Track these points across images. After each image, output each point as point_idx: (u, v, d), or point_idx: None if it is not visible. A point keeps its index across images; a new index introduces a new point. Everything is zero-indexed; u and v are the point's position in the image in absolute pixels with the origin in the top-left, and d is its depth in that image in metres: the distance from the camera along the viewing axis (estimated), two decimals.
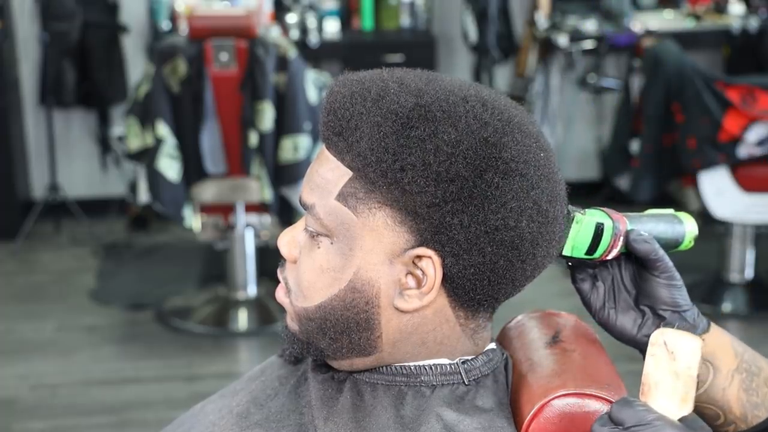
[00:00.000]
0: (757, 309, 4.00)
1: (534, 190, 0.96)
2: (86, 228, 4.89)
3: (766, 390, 1.06)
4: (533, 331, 1.14)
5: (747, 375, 1.06)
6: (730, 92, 3.69)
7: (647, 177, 3.94)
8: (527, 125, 0.99)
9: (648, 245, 1.03)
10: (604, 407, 0.98)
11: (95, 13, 4.86)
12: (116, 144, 4.96)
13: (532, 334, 1.13)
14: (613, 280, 1.08)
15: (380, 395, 1.01)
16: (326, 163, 0.99)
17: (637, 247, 1.03)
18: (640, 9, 5.03)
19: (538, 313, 1.19)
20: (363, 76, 0.99)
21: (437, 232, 0.95)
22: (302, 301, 1.02)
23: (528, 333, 1.14)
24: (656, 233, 1.06)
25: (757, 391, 1.06)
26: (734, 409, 1.06)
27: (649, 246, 1.03)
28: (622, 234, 1.03)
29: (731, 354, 1.06)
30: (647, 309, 1.06)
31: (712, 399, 1.06)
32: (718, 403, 1.06)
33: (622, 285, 1.08)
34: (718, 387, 1.05)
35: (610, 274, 1.08)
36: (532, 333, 1.14)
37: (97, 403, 3.33)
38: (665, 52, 3.86)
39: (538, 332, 1.13)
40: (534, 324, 1.16)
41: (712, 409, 1.07)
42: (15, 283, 4.44)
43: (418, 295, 0.98)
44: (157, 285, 4.32)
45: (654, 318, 1.05)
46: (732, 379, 1.05)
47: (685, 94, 3.71)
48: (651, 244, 1.03)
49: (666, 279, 1.04)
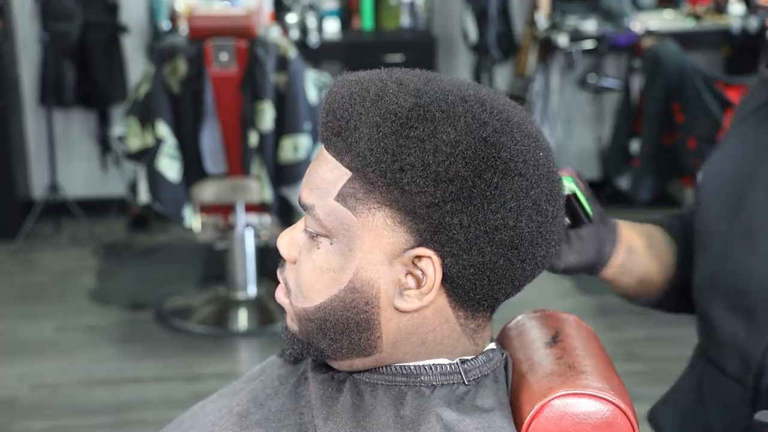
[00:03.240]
0: None
1: (533, 190, 0.96)
2: (86, 228, 4.89)
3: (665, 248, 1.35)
4: (533, 331, 1.14)
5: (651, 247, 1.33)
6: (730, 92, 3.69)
7: (647, 177, 3.94)
8: (526, 125, 0.99)
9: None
10: (604, 407, 0.98)
11: (95, 13, 4.86)
12: (116, 144, 4.96)
13: (532, 334, 1.13)
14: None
15: (380, 395, 1.01)
16: (325, 163, 0.99)
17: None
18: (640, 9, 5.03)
19: (538, 313, 1.19)
20: (362, 77, 0.99)
21: (437, 232, 0.95)
22: (302, 301, 1.02)
23: (528, 333, 1.14)
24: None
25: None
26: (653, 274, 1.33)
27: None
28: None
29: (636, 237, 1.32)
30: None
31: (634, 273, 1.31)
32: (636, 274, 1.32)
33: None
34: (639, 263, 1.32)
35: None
36: (532, 333, 1.14)
37: (97, 403, 3.33)
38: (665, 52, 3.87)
39: (538, 332, 1.13)
40: (534, 324, 1.16)
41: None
42: (15, 283, 4.44)
43: (418, 295, 0.98)
44: (157, 285, 4.32)
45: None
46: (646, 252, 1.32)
47: (685, 94, 3.71)
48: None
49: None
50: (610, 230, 1.29)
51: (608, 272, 1.30)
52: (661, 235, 1.38)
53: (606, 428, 0.98)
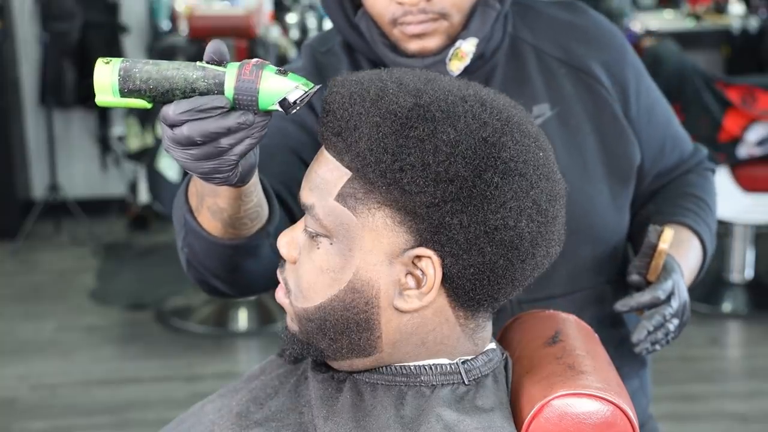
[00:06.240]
0: (757, 309, 4.00)
1: (533, 190, 0.96)
2: (86, 228, 4.89)
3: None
4: (533, 331, 1.14)
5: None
6: (730, 92, 3.69)
7: None
8: (526, 125, 0.99)
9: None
10: (603, 407, 0.98)
11: (95, 13, 4.86)
12: (116, 144, 4.96)
13: (532, 334, 1.13)
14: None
15: (380, 395, 1.01)
16: (325, 163, 0.99)
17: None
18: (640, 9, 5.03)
19: (538, 313, 1.19)
20: (362, 77, 0.99)
21: (437, 232, 0.94)
22: (302, 301, 1.02)
23: (528, 333, 1.14)
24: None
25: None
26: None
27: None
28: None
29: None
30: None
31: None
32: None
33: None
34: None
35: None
36: (532, 333, 1.14)
37: (97, 403, 3.33)
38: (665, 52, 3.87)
39: (538, 332, 1.13)
40: (534, 324, 1.16)
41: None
42: (15, 283, 4.44)
43: (418, 295, 0.98)
44: (157, 285, 4.32)
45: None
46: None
47: (685, 94, 3.71)
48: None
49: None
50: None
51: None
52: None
53: (606, 428, 0.98)
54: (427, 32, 1.28)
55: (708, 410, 3.19)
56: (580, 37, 1.41)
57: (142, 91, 0.95)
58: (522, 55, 1.39)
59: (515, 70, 1.38)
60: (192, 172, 1.00)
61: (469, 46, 1.31)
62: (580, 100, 1.38)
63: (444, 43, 1.31)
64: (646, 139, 1.43)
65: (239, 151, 0.96)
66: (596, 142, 1.38)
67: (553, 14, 1.43)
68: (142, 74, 0.94)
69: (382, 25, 1.30)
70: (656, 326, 1.24)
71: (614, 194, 1.38)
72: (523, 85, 1.37)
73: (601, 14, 1.48)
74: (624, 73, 1.42)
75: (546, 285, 1.31)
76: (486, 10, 1.32)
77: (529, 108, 1.35)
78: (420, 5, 1.26)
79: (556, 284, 1.35)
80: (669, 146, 1.47)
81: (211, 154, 0.96)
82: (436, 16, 1.28)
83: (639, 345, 1.24)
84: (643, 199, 1.47)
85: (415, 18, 1.27)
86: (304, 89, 0.94)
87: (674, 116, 1.53)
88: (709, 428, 3.09)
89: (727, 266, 4.10)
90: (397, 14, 1.27)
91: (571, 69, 1.39)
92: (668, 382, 3.26)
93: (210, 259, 1.19)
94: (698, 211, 1.43)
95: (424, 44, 1.30)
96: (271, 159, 1.26)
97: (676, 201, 1.44)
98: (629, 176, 1.40)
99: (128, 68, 0.95)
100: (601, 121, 1.38)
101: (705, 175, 1.51)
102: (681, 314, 1.28)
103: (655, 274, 1.29)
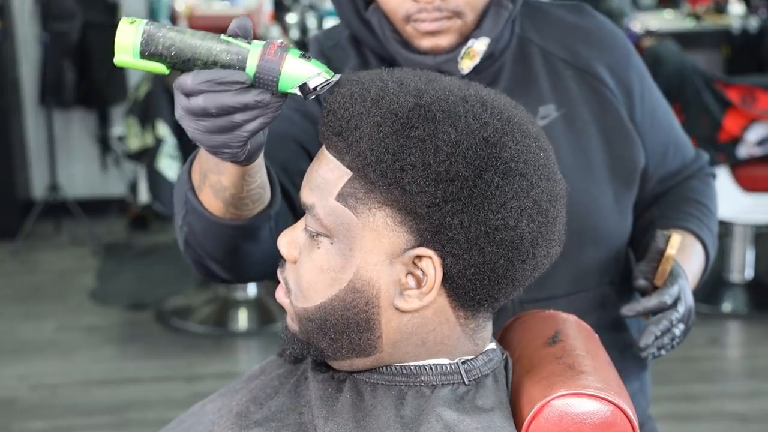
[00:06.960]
0: (757, 309, 4.00)
1: (534, 190, 0.96)
2: (86, 228, 4.89)
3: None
4: (533, 331, 1.14)
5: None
6: (730, 92, 3.69)
7: None
8: (527, 125, 0.99)
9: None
10: (603, 407, 0.98)
11: (95, 13, 4.86)
12: (116, 144, 4.96)
13: (532, 334, 1.13)
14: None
15: (380, 395, 1.01)
16: (326, 163, 0.99)
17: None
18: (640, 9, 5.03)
19: (538, 313, 1.19)
20: (362, 77, 0.99)
21: (437, 232, 0.94)
22: (302, 301, 1.02)
23: (528, 333, 1.14)
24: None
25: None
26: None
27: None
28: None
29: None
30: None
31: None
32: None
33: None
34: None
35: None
36: (532, 333, 1.14)
37: (97, 403, 3.33)
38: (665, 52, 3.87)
39: (538, 332, 1.13)
40: (534, 324, 1.16)
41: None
42: (15, 283, 4.44)
43: (418, 295, 0.98)
44: (157, 285, 4.32)
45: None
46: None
47: (685, 94, 3.71)
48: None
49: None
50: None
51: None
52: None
53: (606, 428, 0.98)
54: (441, 30, 1.29)
55: (708, 410, 3.19)
56: (585, 39, 1.41)
57: (162, 56, 0.95)
58: (529, 56, 1.39)
59: (522, 71, 1.38)
60: (201, 145, 1.00)
61: (481, 46, 1.31)
62: (586, 102, 1.38)
63: (456, 41, 1.31)
64: (650, 143, 1.43)
65: (251, 128, 0.97)
66: (601, 143, 1.38)
67: (560, 16, 1.43)
68: (166, 40, 0.94)
69: (395, 21, 1.31)
70: (663, 331, 1.24)
71: (618, 196, 1.38)
72: (530, 86, 1.37)
73: (604, 16, 1.48)
74: (628, 76, 1.43)
75: (547, 285, 1.31)
76: (499, 11, 1.32)
77: (536, 109, 1.35)
78: (435, 3, 1.26)
79: (558, 285, 1.35)
80: (672, 151, 1.48)
81: (224, 128, 0.96)
82: (451, 15, 1.28)
83: (646, 350, 1.24)
84: (645, 203, 1.47)
85: (430, 15, 1.27)
86: (326, 77, 0.95)
87: (676, 120, 1.53)
88: (709, 428, 3.09)
89: (727, 266, 4.10)
90: (411, 11, 1.28)
91: (577, 71, 1.39)
92: (668, 382, 3.26)
93: (209, 240, 1.19)
94: (701, 216, 1.43)
95: (437, 42, 1.30)
96: (275, 146, 1.26)
97: (679, 206, 1.44)
98: (633, 179, 1.40)
99: (152, 32, 0.95)
100: (606, 123, 1.39)
101: (707, 181, 1.51)
102: (687, 319, 1.28)
103: (662, 279, 1.28)
